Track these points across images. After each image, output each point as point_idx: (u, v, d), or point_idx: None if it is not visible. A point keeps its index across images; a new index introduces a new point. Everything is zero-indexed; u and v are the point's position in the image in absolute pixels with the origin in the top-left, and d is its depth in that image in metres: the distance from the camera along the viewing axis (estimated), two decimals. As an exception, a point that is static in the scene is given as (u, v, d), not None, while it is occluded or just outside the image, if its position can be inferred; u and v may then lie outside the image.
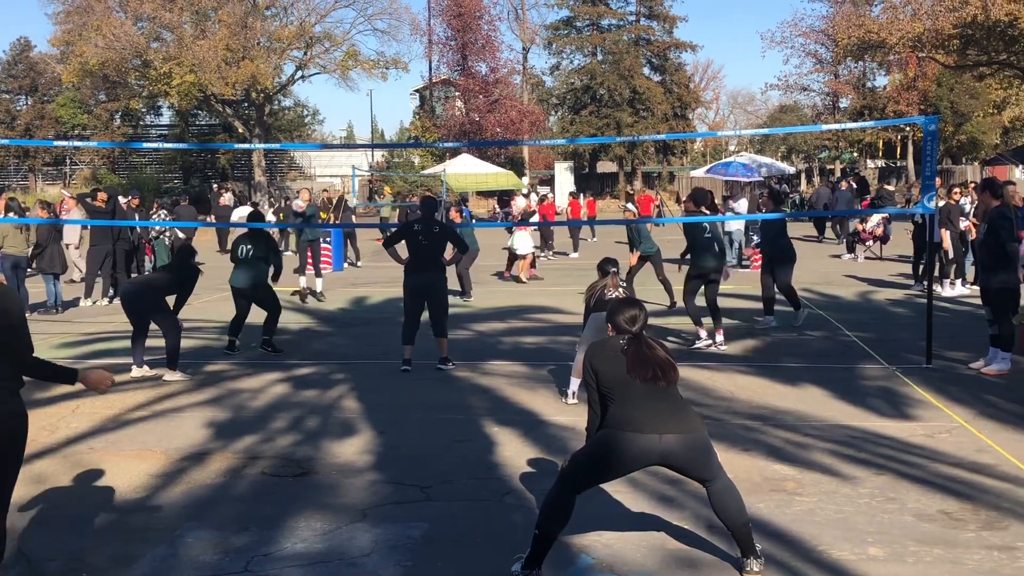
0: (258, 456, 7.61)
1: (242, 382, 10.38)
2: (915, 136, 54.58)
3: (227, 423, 8.65)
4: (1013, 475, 6.78)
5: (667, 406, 5.13)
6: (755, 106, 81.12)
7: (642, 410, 5.07)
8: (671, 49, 61.05)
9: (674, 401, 5.21)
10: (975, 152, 60.06)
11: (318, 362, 11.45)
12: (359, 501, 6.49)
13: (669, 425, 5.05)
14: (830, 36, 52.54)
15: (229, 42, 44.85)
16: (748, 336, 12.75)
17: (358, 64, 50.78)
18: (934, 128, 10.50)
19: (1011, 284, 10.25)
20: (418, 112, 61.06)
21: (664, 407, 5.11)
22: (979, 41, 39.33)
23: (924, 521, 5.95)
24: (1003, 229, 10.04)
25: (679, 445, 5.03)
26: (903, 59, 50.80)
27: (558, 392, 9.58)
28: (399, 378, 10.47)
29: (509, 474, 7.03)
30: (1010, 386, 9.57)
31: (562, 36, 61.77)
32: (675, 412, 5.14)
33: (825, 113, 62.25)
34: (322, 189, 32.79)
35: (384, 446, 7.82)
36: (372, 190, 49.10)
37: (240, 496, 6.69)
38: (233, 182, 51.95)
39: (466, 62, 56.33)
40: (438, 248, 10.96)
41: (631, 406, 5.09)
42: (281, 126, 59.90)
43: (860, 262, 22.60)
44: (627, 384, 5.16)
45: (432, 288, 10.86)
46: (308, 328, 14.28)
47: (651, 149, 62.11)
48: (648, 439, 5.00)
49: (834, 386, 9.62)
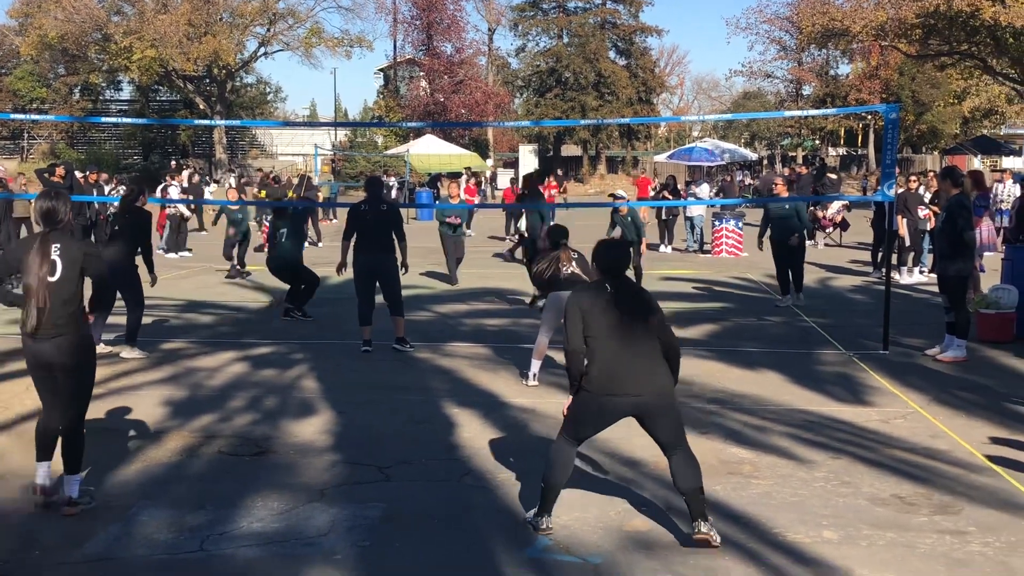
0: (215, 435, 7.55)
1: (200, 360, 10.29)
2: (876, 124, 55.05)
3: (184, 402, 8.58)
4: (966, 460, 6.87)
5: (644, 364, 5.32)
6: (719, 92, 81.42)
7: (620, 368, 5.30)
8: (637, 33, 61.02)
9: (651, 358, 5.37)
10: (935, 141, 60.69)
11: (277, 342, 11.38)
12: (317, 481, 6.47)
13: (644, 385, 5.30)
14: (794, 23, 52.82)
15: (191, 17, 44.38)
16: (708, 321, 12.82)
17: (322, 42, 50.51)
18: (895, 116, 10.58)
19: (966, 272, 10.37)
20: (382, 91, 60.72)
21: (640, 365, 5.31)
22: (941, 31, 39.66)
23: (878, 505, 6.02)
24: (961, 217, 10.15)
25: (654, 403, 5.34)
26: (866, 47, 51.21)
27: (519, 374, 9.59)
28: (359, 359, 10.43)
29: (468, 455, 7.03)
30: (965, 373, 9.69)
31: (528, 18, 61.57)
32: (651, 371, 5.35)
33: (788, 100, 62.60)
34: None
35: (343, 426, 7.79)
36: (335, 170, 48.81)
37: (196, 475, 6.64)
38: (194, 159, 51.46)
39: (431, 42, 56.06)
40: (385, 228, 10.87)
41: (611, 363, 5.30)
42: (243, 103, 59.38)
43: (820, 249, 22.77)
44: (607, 335, 5.33)
45: (381, 268, 10.80)
46: (268, 307, 14.17)
47: (615, 133, 62.12)
48: (624, 401, 5.31)
49: (792, 371, 9.70)
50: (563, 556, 5.30)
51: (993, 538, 5.50)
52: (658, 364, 5.40)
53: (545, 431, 7.61)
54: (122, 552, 5.33)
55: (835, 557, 5.24)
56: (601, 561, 5.22)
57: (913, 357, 10.46)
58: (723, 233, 21.59)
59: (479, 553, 5.33)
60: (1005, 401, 8.57)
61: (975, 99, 58.85)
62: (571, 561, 5.23)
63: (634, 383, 5.29)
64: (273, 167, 49.75)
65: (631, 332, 5.37)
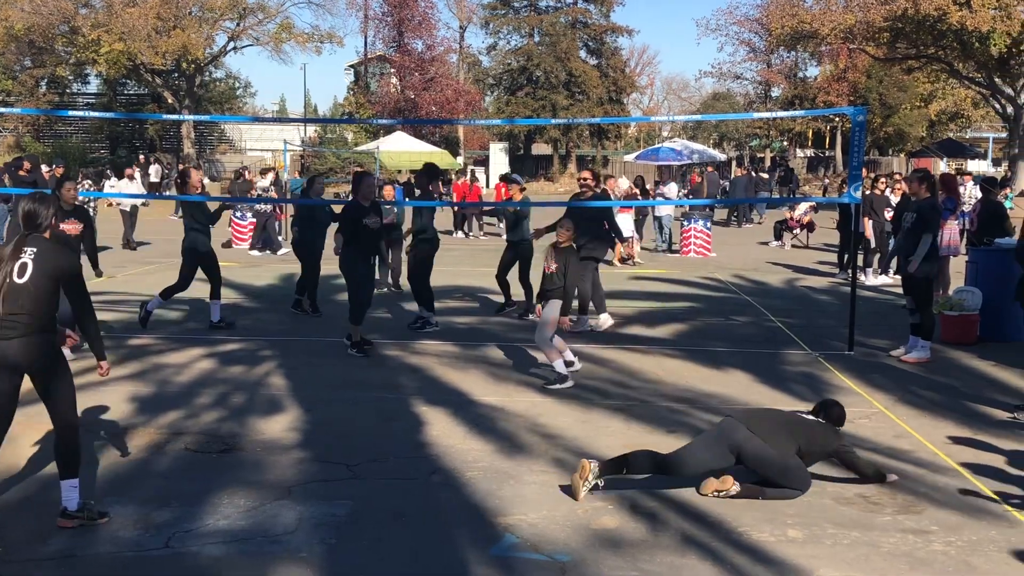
0: (182, 432, 7.51)
1: (167, 357, 10.23)
2: (844, 127, 55.53)
3: (151, 398, 8.53)
4: (929, 461, 6.95)
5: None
6: (689, 93, 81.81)
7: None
8: (607, 33, 61.15)
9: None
10: (902, 144, 61.22)
11: (245, 338, 11.33)
12: (284, 478, 6.45)
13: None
14: (764, 25, 53.18)
15: (160, 11, 43.99)
16: (675, 320, 12.88)
17: (292, 37, 50.17)
18: (862, 119, 10.68)
19: (933, 274, 10.49)
20: (352, 88, 60.45)
21: None
22: (908, 34, 40.11)
23: (842, 504, 6.08)
24: (930, 220, 10.27)
25: None
26: (834, 50, 51.66)
27: (488, 372, 9.60)
28: (328, 356, 10.40)
29: (437, 453, 7.03)
30: (929, 374, 9.80)
31: (499, 16, 61.56)
32: None
33: (757, 102, 62.98)
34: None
35: (311, 424, 7.77)
36: (304, 166, 48.57)
37: (162, 472, 6.60)
38: (162, 153, 51.06)
39: (402, 39, 55.89)
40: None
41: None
42: (212, 98, 58.94)
43: (787, 250, 22.94)
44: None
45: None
46: (236, 304, 14.10)
47: (586, 132, 62.26)
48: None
49: (758, 370, 9.77)
50: (530, 554, 5.31)
51: (955, 537, 5.58)
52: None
53: (512, 429, 7.64)
54: (87, 549, 5.29)
55: (799, 556, 5.29)
56: (569, 559, 5.24)
57: (878, 358, 10.57)
58: (692, 233, 21.70)
59: (446, 551, 5.34)
60: (968, 402, 8.67)
61: (941, 102, 59.44)
62: (538, 559, 5.25)
63: None
64: (242, 162, 49.49)
65: None
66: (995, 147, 67.73)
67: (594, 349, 10.70)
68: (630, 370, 9.83)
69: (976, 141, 68.95)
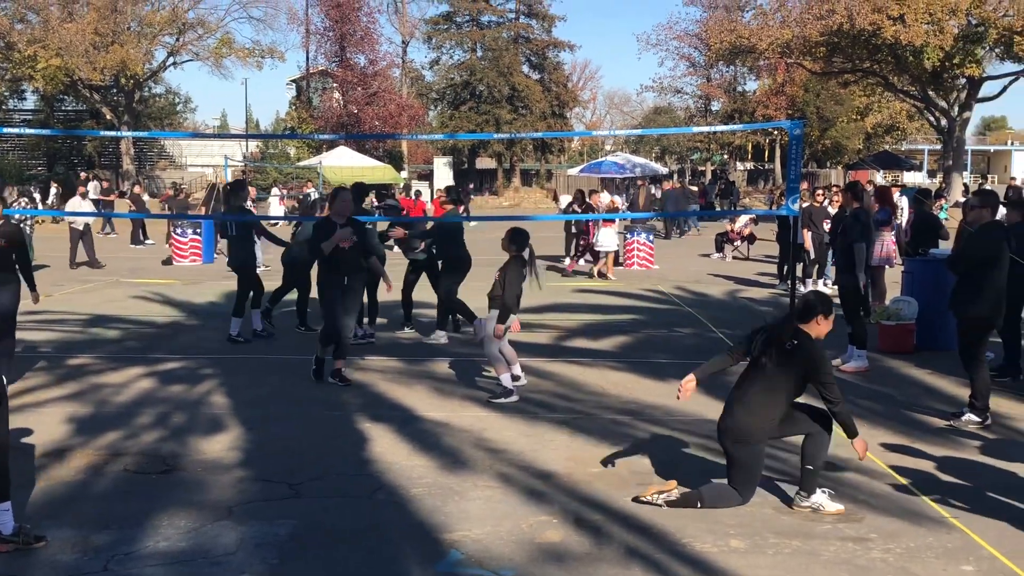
0: (121, 453, 7.39)
1: (105, 376, 10.07)
2: (782, 140, 56.28)
3: (89, 419, 8.39)
4: (868, 468, 7.04)
5: None
6: (631, 107, 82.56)
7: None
8: (550, 48, 61.55)
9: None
10: (839, 156, 62.26)
11: (186, 356, 11.19)
12: (225, 498, 6.37)
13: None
14: (703, 40, 53.85)
15: (98, 26, 43.47)
16: (620, 332, 12.95)
17: (232, 52, 49.84)
18: (799, 132, 10.83)
19: (859, 283, 10.74)
20: (294, 103, 60.11)
21: None
22: (844, 49, 40.85)
23: (783, 514, 6.14)
24: (852, 230, 10.50)
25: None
26: (772, 64, 52.40)
27: (433, 388, 9.58)
28: (270, 373, 10.31)
29: (381, 470, 6.99)
30: (867, 383, 9.95)
31: (442, 31, 61.68)
32: None
33: (697, 115, 63.70)
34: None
35: (253, 442, 7.69)
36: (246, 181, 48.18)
37: (101, 494, 6.49)
38: (100, 170, 50.36)
39: (344, 53, 55.70)
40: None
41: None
42: (151, 113, 58.32)
43: (728, 261, 23.18)
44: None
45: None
46: (176, 321, 13.94)
47: (529, 147, 62.53)
48: None
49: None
50: (475, 570, 5.30)
51: (894, 544, 5.66)
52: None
53: (457, 444, 7.62)
54: (23, 574, 5.18)
55: (741, 566, 5.33)
56: (513, 574, 5.24)
57: (818, 368, 10.68)
58: (635, 246, 21.84)
59: (391, 569, 5.31)
60: (905, 410, 8.82)
61: (877, 115, 60.59)
62: (483, 575, 5.24)
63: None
64: (182, 178, 48.99)
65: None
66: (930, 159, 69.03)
67: (539, 362, 10.72)
68: (574, 383, 9.86)
69: (912, 153, 70.31)
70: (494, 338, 9.02)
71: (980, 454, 7.49)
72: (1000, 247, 8.54)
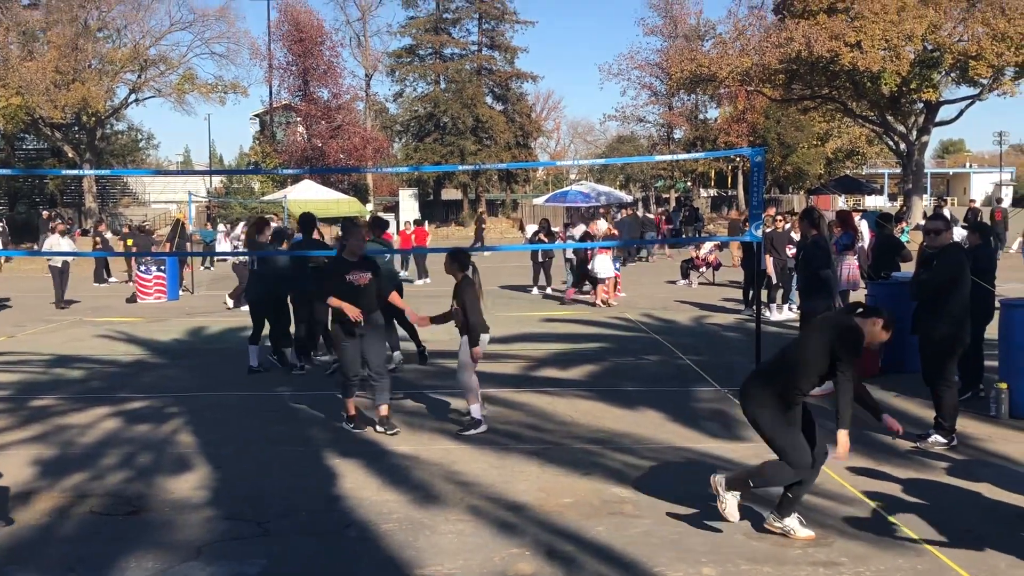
0: (87, 494, 7.30)
1: (70, 417, 9.95)
2: (745, 166, 56.78)
3: (54, 460, 8.28)
4: (837, 493, 7.09)
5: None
6: (594, 136, 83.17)
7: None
8: (513, 79, 61.92)
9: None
10: (801, 182, 62.89)
11: (151, 395, 11.08)
12: (194, 538, 6.30)
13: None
14: (664, 69, 54.30)
15: (59, 64, 43.27)
16: (587, 361, 12.97)
17: (195, 88, 49.76)
18: (760, 159, 10.96)
19: (824, 309, 10.81)
20: (258, 137, 60.02)
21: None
22: (803, 76, 41.35)
23: (754, 540, 6.16)
24: (816, 258, 10.63)
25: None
26: (733, 92, 52.94)
27: (402, 421, 9.53)
28: (236, 411, 10.23)
29: (351, 506, 6.95)
30: (834, 406, 9.98)
31: (405, 64, 61.91)
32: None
33: (660, 143, 64.14)
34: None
35: (220, 481, 7.62)
36: (210, 216, 47.97)
37: (67, 537, 6.40)
38: (63, 208, 49.97)
39: (308, 87, 55.74)
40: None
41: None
42: (114, 151, 58.01)
43: (694, 288, 23.30)
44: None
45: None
46: (141, 360, 13.81)
47: (495, 177, 62.73)
48: None
49: (670, 408, 9.88)
50: (447, 604, 5.27)
51: (864, 568, 5.68)
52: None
53: (427, 478, 7.59)
54: (-14, 622, 5.10)
55: (714, 593, 5.34)
56: (485, 608, 5.21)
57: (785, 392, 10.74)
58: (601, 274, 21.87)
59: (362, 605, 5.27)
60: (872, 433, 8.87)
61: (837, 140, 61.31)
62: (455, 609, 5.21)
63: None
64: (146, 215, 48.69)
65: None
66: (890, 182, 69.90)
67: (507, 393, 10.71)
68: (543, 413, 9.86)
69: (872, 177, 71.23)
70: (471, 364, 8.97)
71: (947, 475, 7.55)
72: (961, 270, 8.61)
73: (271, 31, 55.65)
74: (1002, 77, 40.12)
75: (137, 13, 48.56)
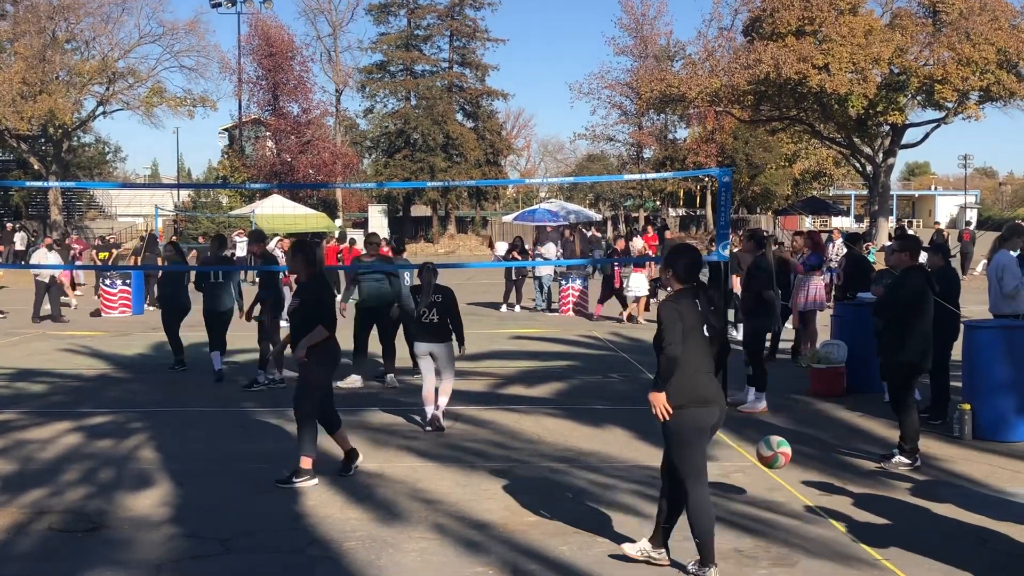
0: (46, 511, 7.19)
1: (30, 432, 9.81)
2: (713, 186, 57.06)
3: (13, 476, 8.16)
4: (801, 512, 7.10)
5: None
6: (564, 154, 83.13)
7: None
8: (483, 97, 62.04)
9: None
10: (768, 202, 63.25)
11: (114, 410, 10.95)
12: (154, 556, 6.22)
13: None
14: (634, 89, 54.57)
15: (25, 75, 42.90)
16: (556, 379, 12.96)
17: (164, 101, 49.43)
18: (728, 180, 11.02)
19: (764, 328, 11.03)
20: (227, 151, 59.71)
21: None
22: (772, 97, 41.69)
23: (719, 559, 6.13)
24: (757, 279, 10.84)
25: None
26: (702, 112, 53.24)
27: (368, 438, 9.47)
28: (199, 428, 10.12)
29: (313, 524, 6.88)
30: (799, 426, 10.04)
31: (376, 80, 61.89)
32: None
33: (630, 163, 64.39)
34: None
35: (182, 498, 7.53)
36: (177, 230, 47.66)
37: (24, 554, 6.29)
38: (28, 220, 49.47)
39: (277, 102, 55.59)
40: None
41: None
42: (81, 163, 57.54)
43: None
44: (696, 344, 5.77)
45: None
46: (104, 374, 13.66)
47: (464, 194, 62.71)
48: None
49: (636, 427, 9.87)
50: (410, 624, 5.22)
51: (827, 587, 5.69)
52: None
53: (392, 496, 7.54)
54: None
55: (678, 613, 5.32)
56: (449, 627, 5.17)
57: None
58: (570, 292, 21.95)
59: (324, 625, 5.21)
60: (837, 453, 8.92)
61: (805, 162, 61.75)
62: (418, 629, 5.16)
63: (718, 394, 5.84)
64: (112, 228, 48.26)
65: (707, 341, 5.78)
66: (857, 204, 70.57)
67: (474, 410, 10.68)
68: (510, 431, 9.83)
69: (839, 198, 71.85)
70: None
71: (910, 495, 7.59)
72: (923, 292, 8.59)
73: (241, 45, 55.53)
74: (967, 101, 40.65)
75: (106, 26, 48.23)
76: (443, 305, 9.69)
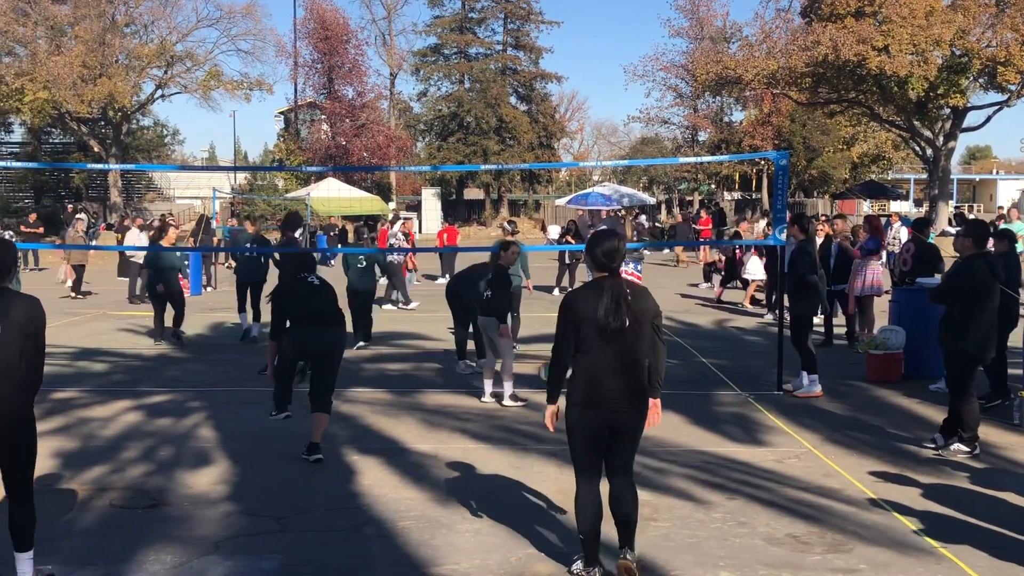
0: (107, 487, 7.34)
1: (92, 410, 10.01)
2: (769, 169, 56.48)
3: (75, 453, 8.33)
4: (857, 499, 7.04)
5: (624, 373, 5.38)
6: (618, 137, 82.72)
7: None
8: (537, 79, 61.82)
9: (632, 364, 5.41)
10: (826, 186, 62.45)
11: (173, 389, 11.13)
12: (212, 533, 6.32)
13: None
14: (689, 71, 54.01)
15: (86, 59, 43.50)
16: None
17: (221, 84, 49.87)
18: (785, 163, 10.89)
19: (809, 313, 10.90)
20: (283, 134, 60.18)
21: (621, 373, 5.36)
22: (830, 79, 41.05)
23: (773, 545, 6.12)
24: (801, 263, 10.68)
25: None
26: (758, 95, 52.59)
27: (421, 419, 9.54)
28: (257, 406, 10.23)
29: (368, 503, 6.95)
30: (856, 413, 9.94)
31: (430, 63, 61.92)
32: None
33: (684, 146, 63.87)
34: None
35: (239, 476, 7.64)
36: (234, 212, 48.19)
37: (86, 529, 6.43)
38: (88, 202, 50.28)
39: (332, 85, 55.89)
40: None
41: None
42: (139, 146, 58.27)
43: (717, 291, 23.16)
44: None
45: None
46: (163, 355, 13.87)
47: (517, 177, 62.65)
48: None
49: (690, 412, 9.83)
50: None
51: (883, 574, 5.64)
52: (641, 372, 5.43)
53: (447, 475, 7.59)
54: (5, 613, 5.13)
55: (732, 598, 5.30)
56: (502, 608, 5.20)
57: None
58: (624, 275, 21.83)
59: (379, 603, 5.27)
60: (894, 440, 8.81)
61: (863, 145, 60.79)
62: (472, 609, 5.20)
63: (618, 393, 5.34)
64: (171, 210, 48.91)
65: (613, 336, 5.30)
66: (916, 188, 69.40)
67: (528, 393, 10.69)
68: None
69: (898, 182, 70.71)
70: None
71: (969, 483, 7.48)
72: (985, 282, 8.36)
73: (297, 29, 55.88)
74: (1030, 83, 39.73)
75: (164, 9, 48.76)
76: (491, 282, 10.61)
